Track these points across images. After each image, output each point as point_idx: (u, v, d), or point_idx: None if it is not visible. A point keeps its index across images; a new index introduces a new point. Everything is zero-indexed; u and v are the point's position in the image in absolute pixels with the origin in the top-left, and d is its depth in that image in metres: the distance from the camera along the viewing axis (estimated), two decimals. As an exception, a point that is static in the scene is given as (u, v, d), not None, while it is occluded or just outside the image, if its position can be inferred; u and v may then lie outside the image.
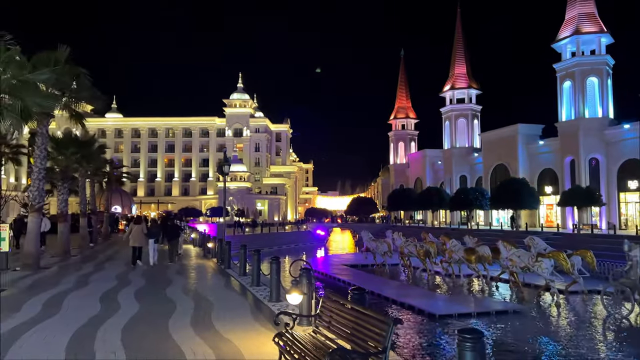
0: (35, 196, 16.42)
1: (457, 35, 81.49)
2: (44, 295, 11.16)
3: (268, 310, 9.20)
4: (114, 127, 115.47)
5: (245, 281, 13.19)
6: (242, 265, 14.17)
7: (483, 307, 19.65)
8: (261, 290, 11.59)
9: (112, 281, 13.63)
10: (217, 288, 12.35)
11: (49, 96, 12.15)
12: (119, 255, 23.00)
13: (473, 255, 27.08)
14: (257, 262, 11.90)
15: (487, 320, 17.50)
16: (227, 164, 17.07)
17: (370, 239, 36.02)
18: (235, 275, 14.62)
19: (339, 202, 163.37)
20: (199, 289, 12.21)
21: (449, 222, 74.74)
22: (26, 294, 11.58)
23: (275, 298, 9.80)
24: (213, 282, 13.67)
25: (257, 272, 11.95)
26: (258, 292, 11.28)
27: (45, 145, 16.46)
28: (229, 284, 12.94)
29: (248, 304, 9.93)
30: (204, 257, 21.53)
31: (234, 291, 11.83)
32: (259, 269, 11.98)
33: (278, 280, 9.71)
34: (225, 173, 16.77)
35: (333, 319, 5.24)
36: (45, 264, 17.98)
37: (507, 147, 63.71)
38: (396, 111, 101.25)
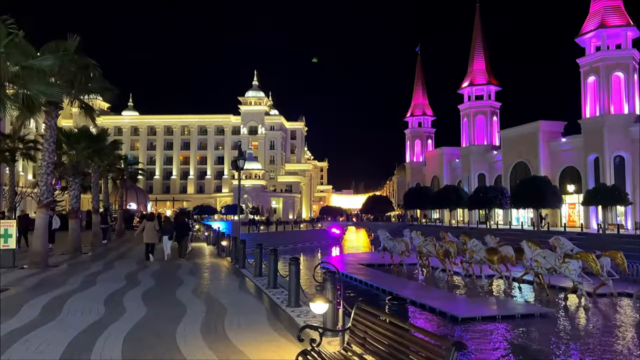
0: (43, 191, 15.79)
1: (475, 31, 79.78)
2: (46, 297, 10.45)
3: (287, 317, 8.32)
4: (130, 125, 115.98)
5: (261, 283, 12.36)
6: (257, 265, 13.33)
7: (508, 310, 18.68)
8: (278, 293, 10.73)
9: (121, 281, 12.91)
10: (231, 290, 11.52)
11: (54, 84, 11.44)
12: (130, 253, 22.39)
13: (495, 256, 26.03)
14: (273, 263, 11.03)
15: (512, 324, 16.64)
16: (243, 159, 16.25)
17: (388, 238, 35.08)
18: (250, 275, 13.80)
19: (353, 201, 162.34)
20: (211, 290, 11.39)
21: (466, 221, 73.27)
22: (28, 294, 10.90)
23: (294, 303, 8.92)
24: (226, 283, 12.85)
25: (274, 274, 11.10)
26: (275, 296, 10.41)
27: (54, 139, 15.82)
28: (243, 286, 12.10)
29: (264, 309, 9.07)
30: (218, 256, 20.77)
31: (249, 294, 10.98)
32: (276, 270, 11.11)
33: (297, 283, 8.83)
34: (240, 168, 15.96)
35: (368, 335, 4.34)
36: (54, 262, 17.39)
37: (527, 145, 62.17)
38: (412, 108, 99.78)
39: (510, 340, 14.88)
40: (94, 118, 16.95)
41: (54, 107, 15.64)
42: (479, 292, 23.30)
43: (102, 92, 15.69)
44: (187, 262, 17.87)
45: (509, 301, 21.51)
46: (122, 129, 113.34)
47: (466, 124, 78.79)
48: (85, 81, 15.51)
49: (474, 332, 15.99)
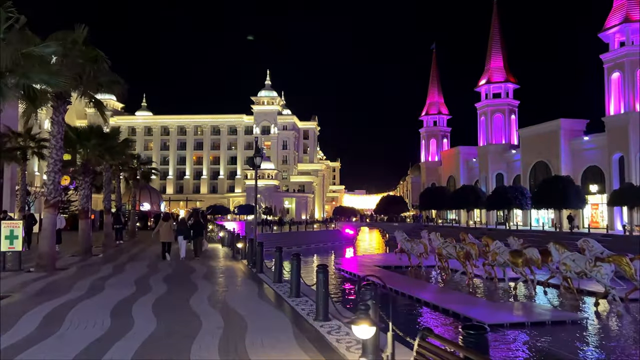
0: (50, 190, 14.96)
1: (493, 28, 78.03)
2: (48, 305, 9.53)
3: (316, 334, 7.25)
4: (143, 125, 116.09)
5: (281, 290, 11.31)
6: (277, 270, 12.28)
7: (537, 316, 17.62)
8: (302, 303, 9.66)
9: (130, 287, 11.96)
10: (250, 299, 10.47)
11: (58, 73, 10.60)
12: (142, 254, 21.55)
13: (520, 258, 24.81)
14: (296, 270, 9.98)
15: (542, 331, 15.60)
16: (260, 156, 15.26)
17: (405, 239, 34.00)
18: (268, 281, 12.76)
19: (366, 201, 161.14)
20: (228, 299, 10.36)
21: (484, 222, 71.68)
22: (30, 302, 9.99)
23: (323, 316, 7.85)
24: (244, 290, 11.82)
25: (296, 281, 10.04)
26: (299, 306, 9.35)
27: (62, 135, 14.99)
28: (263, 294, 11.06)
29: (289, 323, 8.00)
30: (233, 258, 19.81)
31: (270, 304, 9.92)
32: (299, 278, 10.05)
33: (326, 294, 7.76)
34: (257, 166, 14.97)
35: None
36: (62, 264, 16.56)
37: (548, 144, 60.53)
38: (427, 107, 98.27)
39: (542, 349, 13.79)
40: (104, 112, 16.11)
41: (62, 101, 14.81)
42: (503, 296, 22.30)
43: (112, 86, 14.81)
44: (202, 266, 16.93)
45: (537, 307, 20.42)
46: (135, 129, 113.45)
47: (483, 123, 77.15)
48: (94, 74, 14.65)
49: (503, 340, 15.06)
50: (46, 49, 10.02)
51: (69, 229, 33.11)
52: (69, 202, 56.73)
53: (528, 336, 15.45)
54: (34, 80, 9.50)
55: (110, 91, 14.88)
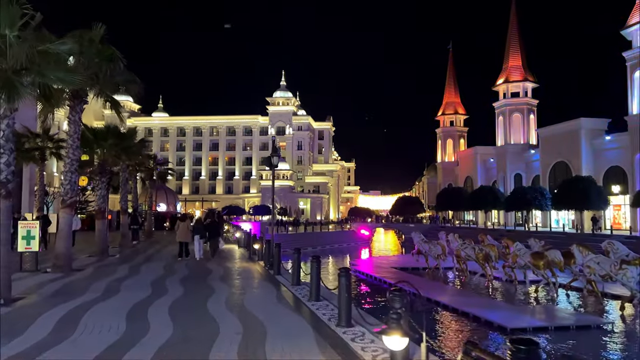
0: (67, 190, 14.85)
1: (511, 26, 76.91)
2: (63, 307, 9.32)
3: (339, 341, 6.87)
4: (160, 126, 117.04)
5: (300, 293, 10.96)
6: (295, 273, 11.93)
7: (561, 320, 17.04)
8: (322, 307, 9.29)
9: (147, 289, 11.73)
10: (268, 303, 10.14)
11: (74, 71, 10.42)
12: (159, 255, 21.43)
13: (542, 261, 24.15)
14: (316, 273, 9.62)
15: (566, 336, 15.10)
16: (277, 155, 14.94)
17: (423, 240, 33.46)
18: (287, 284, 12.43)
19: (381, 202, 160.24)
20: (246, 302, 10.05)
21: (502, 223, 70.56)
22: (44, 304, 9.81)
23: (346, 322, 7.48)
24: (262, 293, 11.50)
25: (316, 284, 9.68)
26: (319, 310, 8.99)
27: (78, 135, 14.88)
28: (281, 297, 10.73)
29: (310, 329, 7.64)
30: (249, 260, 19.54)
31: (289, 308, 9.58)
32: (319, 281, 9.68)
33: (349, 299, 7.38)
34: (274, 165, 14.64)
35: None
36: (78, 265, 16.46)
37: (568, 143, 59.35)
38: (444, 107, 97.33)
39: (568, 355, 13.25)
40: (120, 112, 15.98)
41: (78, 100, 14.70)
42: (523, 300, 21.74)
43: (128, 85, 14.66)
44: (218, 267, 16.70)
45: (560, 310, 19.82)
46: (152, 130, 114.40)
47: (501, 122, 76.07)
48: (111, 73, 14.51)
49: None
50: (62, 46, 9.83)
51: (85, 229, 33.31)
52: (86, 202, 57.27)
53: (552, 341, 14.93)
54: (50, 78, 9.31)
55: (126, 90, 14.72)
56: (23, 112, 16.38)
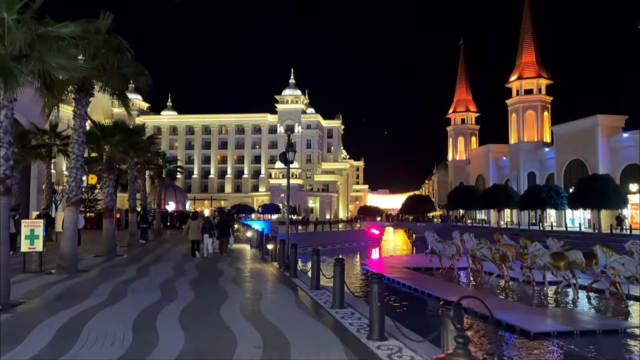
0: (72, 188, 14.13)
1: (524, 21, 75.48)
2: (66, 314, 8.56)
3: (372, 358, 6.04)
4: (169, 125, 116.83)
5: (321, 299, 10.10)
6: (314, 276, 11.06)
7: (586, 325, 16.17)
8: (348, 316, 8.41)
9: (155, 292, 10.95)
10: (287, 310, 9.26)
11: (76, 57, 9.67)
12: (168, 255, 20.70)
13: (562, 261, 23.28)
14: (339, 277, 8.73)
15: (593, 341, 14.34)
16: (293, 151, 14.09)
17: (436, 240, 32.63)
18: (305, 288, 11.57)
19: (389, 201, 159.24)
20: (263, 309, 9.21)
21: (515, 222, 69.30)
22: (46, 310, 9.06)
23: (379, 334, 6.61)
24: (279, 298, 10.66)
25: (339, 289, 8.80)
26: (345, 320, 8.12)
27: (84, 129, 14.16)
28: (300, 303, 9.85)
29: (338, 342, 6.77)
30: (262, 260, 18.72)
31: (310, 315, 8.69)
32: (343, 286, 8.78)
33: (382, 309, 6.52)
34: (289, 161, 13.81)
35: None
36: (85, 265, 15.76)
37: (584, 141, 58.07)
38: (455, 104, 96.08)
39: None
40: (128, 105, 15.25)
41: (84, 93, 13.98)
42: (543, 302, 20.93)
43: (136, 77, 13.91)
44: (230, 268, 15.91)
45: (584, 314, 18.96)
46: (161, 128, 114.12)
47: (514, 120, 74.74)
48: (118, 65, 13.77)
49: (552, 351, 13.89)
50: (64, 29, 9.07)
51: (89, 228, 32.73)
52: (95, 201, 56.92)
53: (578, 346, 14.06)
54: (51, 65, 8.59)
55: (134, 82, 13.96)
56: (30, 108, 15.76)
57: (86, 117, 14.28)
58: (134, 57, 14.17)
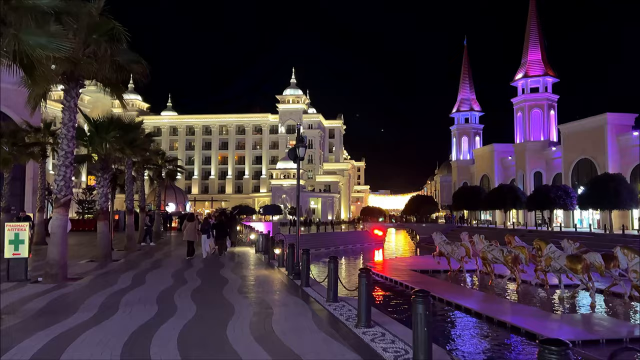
0: (61, 187, 12.81)
1: (530, 18, 74.16)
2: (43, 336, 7.21)
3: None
4: (169, 125, 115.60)
5: (341, 314, 8.71)
6: (332, 287, 9.67)
7: (613, 332, 15.00)
8: (378, 337, 7.02)
9: (151, 306, 9.60)
10: (306, 329, 7.80)
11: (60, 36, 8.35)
12: (167, 260, 19.35)
13: (580, 264, 22.05)
14: (365, 290, 7.38)
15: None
16: (303, 146, 12.74)
17: (444, 241, 31.60)
18: (320, 299, 10.20)
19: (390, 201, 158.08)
20: (276, 328, 7.80)
21: (521, 222, 67.96)
22: (22, 330, 7.68)
23: (427, 366, 5.31)
24: (293, 313, 9.19)
25: (365, 305, 7.42)
26: (377, 343, 6.73)
27: (74, 123, 12.83)
28: (320, 321, 8.37)
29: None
30: (269, 266, 17.34)
31: (334, 337, 7.22)
32: (370, 301, 7.43)
33: (429, 336, 5.19)
34: (299, 158, 12.47)
35: None
36: (76, 272, 14.45)
37: (593, 140, 56.84)
38: (459, 103, 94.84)
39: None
40: (122, 97, 13.92)
41: (74, 83, 12.66)
42: (559, 306, 19.94)
43: (131, 66, 12.57)
44: (234, 275, 14.55)
45: (607, 320, 17.68)
46: (161, 129, 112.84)
47: (520, 119, 73.44)
48: (111, 52, 12.45)
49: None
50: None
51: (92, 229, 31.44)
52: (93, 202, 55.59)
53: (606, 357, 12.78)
54: (28, 43, 7.33)
55: (129, 72, 12.65)
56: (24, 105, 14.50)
57: (77, 110, 12.96)
58: (130, 44, 12.84)
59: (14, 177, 37.00)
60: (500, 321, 16.99)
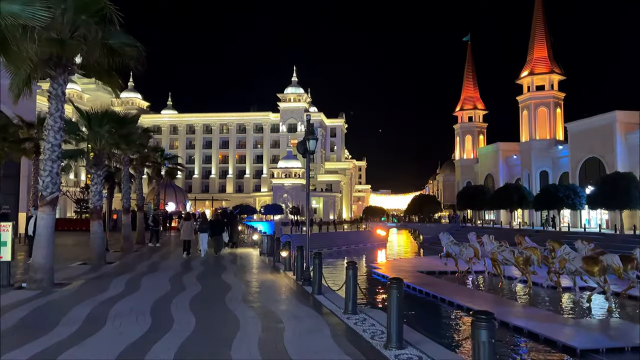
0: (46, 184, 11.62)
1: (536, 15, 72.89)
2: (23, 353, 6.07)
3: None
4: (169, 124, 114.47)
5: (365, 330, 7.40)
6: (350, 296, 8.41)
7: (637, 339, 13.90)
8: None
9: (144, 318, 8.37)
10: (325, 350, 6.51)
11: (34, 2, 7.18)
12: (165, 262, 18.13)
13: (596, 266, 21.24)
14: (396, 305, 6.19)
15: None
16: (314, 138, 11.46)
17: (452, 242, 30.74)
18: (336, 310, 8.93)
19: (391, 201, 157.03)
20: (290, 348, 6.47)
21: (526, 222, 66.74)
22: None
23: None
24: (309, 329, 7.81)
25: (397, 322, 6.24)
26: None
27: (61, 112, 11.62)
28: (340, 339, 6.99)
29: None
30: (274, 269, 16.08)
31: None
32: (401, 317, 6.24)
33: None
34: (310, 151, 11.22)
35: None
36: (66, 276, 13.25)
37: (601, 138, 55.72)
38: (462, 102, 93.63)
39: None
40: (115, 86, 12.67)
41: (61, 69, 11.46)
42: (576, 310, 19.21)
43: (124, 49, 11.34)
44: (238, 281, 13.31)
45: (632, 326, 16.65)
46: (161, 127, 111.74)
47: (526, 117, 72.27)
48: (102, 35, 11.26)
49: None
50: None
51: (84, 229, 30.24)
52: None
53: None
54: (-1, 10, 6.19)
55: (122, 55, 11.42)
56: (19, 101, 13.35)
57: (64, 99, 11.76)
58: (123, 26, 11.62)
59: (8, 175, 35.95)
60: (517, 326, 16.03)
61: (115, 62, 11.82)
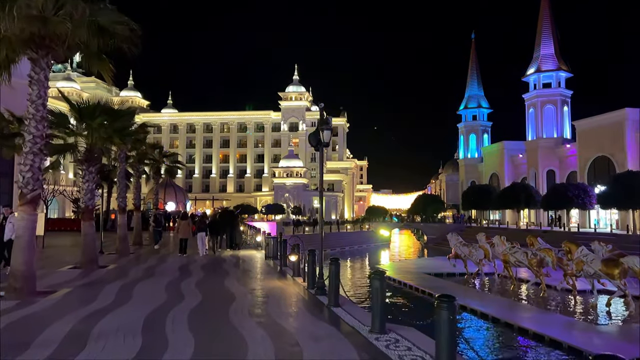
0: (27, 180, 10.30)
1: (542, 11, 71.57)
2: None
3: None
4: (169, 123, 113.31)
5: (400, 357, 6.14)
6: (378, 313, 7.02)
7: None
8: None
9: (133, 339, 7.03)
10: None
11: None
12: (162, 265, 16.81)
13: (617, 269, 20.33)
14: (448, 329, 4.86)
15: None
16: (328, 129, 10.19)
17: (461, 243, 29.78)
18: (359, 327, 7.54)
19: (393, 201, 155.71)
20: None
21: (532, 222, 65.43)
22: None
23: None
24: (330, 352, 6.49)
25: (449, 346, 4.91)
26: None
27: (44, 100, 10.32)
28: None
29: None
30: (280, 275, 14.72)
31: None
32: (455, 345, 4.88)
33: None
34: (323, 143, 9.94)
35: None
36: (51, 283, 11.94)
37: (610, 137, 54.49)
38: (467, 100, 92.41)
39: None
40: (106, 70, 11.31)
41: (43, 51, 10.16)
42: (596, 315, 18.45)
43: (115, 28, 10.02)
44: (241, 287, 11.99)
45: None
46: (161, 126, 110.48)
47: (532, 115, 71.01)
48: (90, 11, 9.97)
49: None
50: None
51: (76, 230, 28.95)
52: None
53: None
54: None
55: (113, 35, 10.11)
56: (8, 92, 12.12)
57: (47, 85, 10.46)
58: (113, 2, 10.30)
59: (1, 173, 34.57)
60: (537, 333, 15.05)
61: (105, 43, 10.48)
